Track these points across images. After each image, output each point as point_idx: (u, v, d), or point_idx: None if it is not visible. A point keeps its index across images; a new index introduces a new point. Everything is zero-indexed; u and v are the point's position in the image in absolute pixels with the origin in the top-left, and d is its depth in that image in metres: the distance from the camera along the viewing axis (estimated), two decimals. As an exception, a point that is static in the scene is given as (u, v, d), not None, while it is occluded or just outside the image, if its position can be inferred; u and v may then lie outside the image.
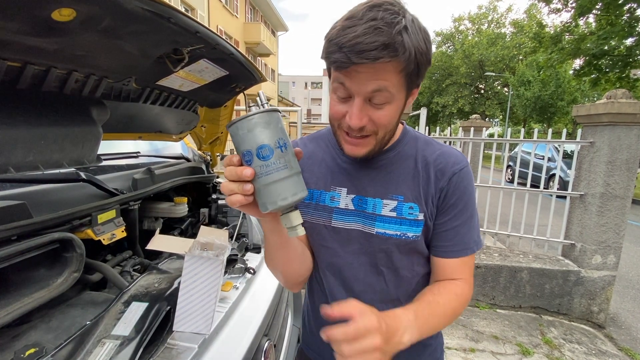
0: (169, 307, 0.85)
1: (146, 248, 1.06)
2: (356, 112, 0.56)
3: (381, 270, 0.69)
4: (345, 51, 0.50)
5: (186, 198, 1.56)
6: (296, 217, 0.51)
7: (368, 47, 0.49)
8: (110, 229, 1.06)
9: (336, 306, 0.49)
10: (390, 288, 0.70)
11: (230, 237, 1.46)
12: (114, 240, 1.06)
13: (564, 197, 2.94)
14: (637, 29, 8.05)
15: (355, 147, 0.61)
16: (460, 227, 0.67)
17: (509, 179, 9.06)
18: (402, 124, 0.72)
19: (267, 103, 0.51)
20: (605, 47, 8.53)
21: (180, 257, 1.14)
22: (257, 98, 0.52)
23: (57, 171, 1.11)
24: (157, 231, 1.19)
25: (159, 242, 0.95)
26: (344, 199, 0.69)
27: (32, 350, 0.68)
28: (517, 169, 3.24)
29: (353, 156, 0.64)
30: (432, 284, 0.69)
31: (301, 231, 0.51)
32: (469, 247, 0.67)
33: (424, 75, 0.59)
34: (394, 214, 0.66)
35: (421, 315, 0.58)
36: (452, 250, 0.67)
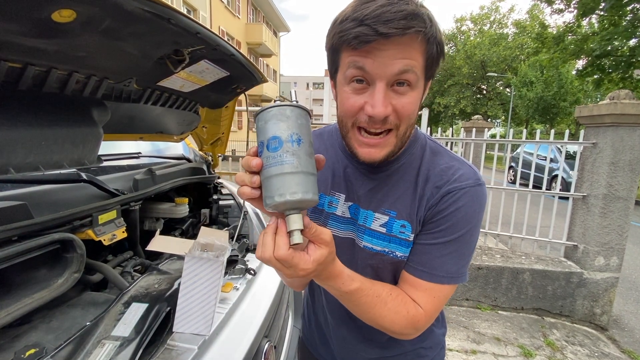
0: (169, 308, 0.85)
1: (146, 249, 1.06)
2: (380, 98, 0.49)
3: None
4: (368, 23, 0.45)
5: (187, 199, 1.56)
6: (294, 221, 0.44)
7: (396, 15, 0.45)
8: (111, 230, 1.06)
9: (316, 230, 0.46)
10: None
11: (231, 237, 1.46)
12: (114, 240, 1.06)
13: (567, 198, 2.92)
14: (640, 29, 8.01)
15: (374, 148, 0.55)
16: (434, 248, 0.59)
17: (511, 179, 9.02)
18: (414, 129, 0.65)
19: (296, 101, 0.49)
20: (609, 48, 8.50)
21: (181, 257, 1.14)
22: (290, 94, 0.51)
23: (57, 172, 1.12)
24: (158, 232, 1.19)
25: (159, 243, 0.95)
26: (342, 206, 0.66)
27: (32, 351, 0.68)
28: (519, 169, 3.23)
29: (370, 161, 0.56)
30: (397, 288, 0.62)
31: (297, 238, 0.44)
32: (436, 275, 0.58)
33: (438, 64, 0.54)
34: (383, 230, 0.62)
35: (358, 295, 0.54)
36: (413, 266, 0.60)
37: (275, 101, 0.48)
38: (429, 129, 4.43)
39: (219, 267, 0.80)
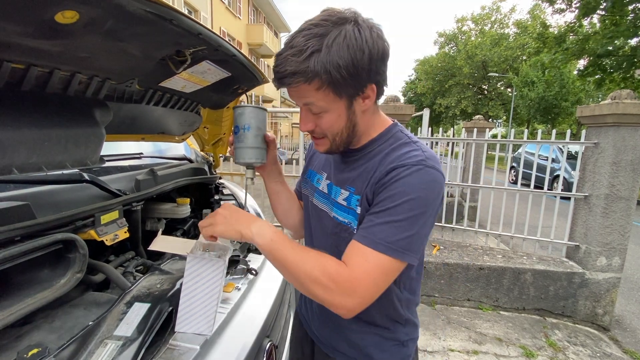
0: (171, 308, 0.85)
1: (148, 249, 1.06)
2: (301, 119, 0.69)
3: (335, 252, 0.72)
4: (274, 75, 0.63)
5: (189, 199, 1.56)
6: (249, 173, 0.83)
7: (281, 75, 0.60)
8: (113, 230, 1.06)
9: None
10: None
11: (233, 238, 1.46)
12: (116, 241, 1.06)
13: (568, 199, 2.92)
14: (642, 28, 7.97)
15: (317, 145, 0.73)
16: (375, 216, 0.64)
17: (512, 180, 9.01)
18: (393, 122, 0.76)
19: (253, 102, 0.74)
20: (610, 47, 8.48)
21: (183, 257, 1.14)
22: (252, 99, 0.74)
23: (60, 172, 1.12)
24: (160, 232, 1.19)
25: (161, 243, 0.95)
26: (323, 183, 0.81)
27: (35, 351, 0.69)
28: (521, 170, 3.22)
29: (320, 152, 0.75)
30: None
31: (250, 183, 0.85)
32: (372, 240, 0.62)
33: (366, 79, 0.62)
34: (345, 203, 0.73)
35: (280, 241, 0.65)
36: (357, 233, 0.66)
37: (241, 102, 0.74)
38: (430, 129, 4.42)
39: (221, 267, 0.80)
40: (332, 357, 0.83)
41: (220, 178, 1.89)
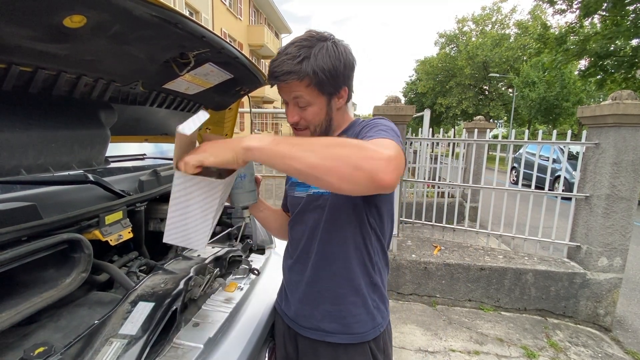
0: (175, 307, 0.86)
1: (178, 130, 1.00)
2: (289, 112, 0.83)
3: (317, 225, 0.87)
4: (270, 75, 0.79)
5: (191, 200, 1.57)
6: (246, 212, 1.09)
7: (278, 73, 0.76)
8: (117, 230, 1.08)
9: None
10: (325, 240, 0.87)
11: (234, 238, 1.48)
12: (121, 241, 1.07)
13: (569, 199, 2.92)
14: (643, 29, 7.95)
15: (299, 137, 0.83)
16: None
17: (513, 180, 9.00)
18: (356, 118, 0.93)
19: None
20: (611, 48, 8.47)
21: (186, 258, 1.15)
22: None
23: (66, 173, 1.14)
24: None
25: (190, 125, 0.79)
26: None
27: (41, 349, 0.70)
28: (522, 170, 3.23)
29: None
30: None
31: (247, 219, 1.08)
32: (372, 136, 0.72)
33: (341, 82, 0.80)
34: None
35: (283, 137, 0.64)
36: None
37: None
38: (430, 129, 4.43)
39: (217, 187, 0.72)
40: (315, 340, 0.89)
41: (222, 179, 1.89)
